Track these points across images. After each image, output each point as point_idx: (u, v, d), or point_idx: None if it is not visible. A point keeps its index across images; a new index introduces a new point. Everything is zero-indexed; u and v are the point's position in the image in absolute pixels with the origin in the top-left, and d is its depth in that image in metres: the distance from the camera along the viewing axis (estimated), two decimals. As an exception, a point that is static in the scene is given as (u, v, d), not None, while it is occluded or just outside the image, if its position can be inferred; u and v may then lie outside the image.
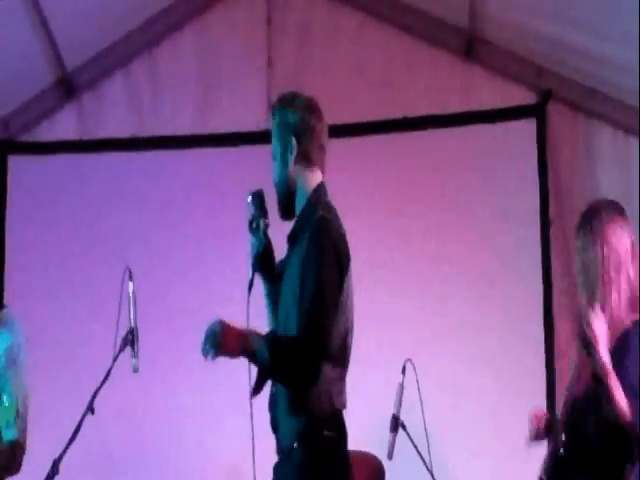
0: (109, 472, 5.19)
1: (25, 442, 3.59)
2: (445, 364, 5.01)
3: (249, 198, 3.38)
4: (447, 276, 5.19)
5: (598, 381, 3.00)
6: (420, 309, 5.16)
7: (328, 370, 3.11)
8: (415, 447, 4.13)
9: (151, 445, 5.23)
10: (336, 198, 5.37)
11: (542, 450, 4.95)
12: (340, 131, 5.47)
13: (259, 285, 3.51)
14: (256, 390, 3.19)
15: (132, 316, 3.77)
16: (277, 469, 3.25)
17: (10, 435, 3.50)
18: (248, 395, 5.14)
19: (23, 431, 3.57)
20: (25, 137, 5.71)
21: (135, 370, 3.71)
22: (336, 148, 5.44)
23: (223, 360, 5.24)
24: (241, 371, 5.21)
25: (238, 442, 5.18)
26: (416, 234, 5.26)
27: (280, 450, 3.24)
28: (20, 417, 3.54)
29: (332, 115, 5.45)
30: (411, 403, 4.13)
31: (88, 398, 3.62)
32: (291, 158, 3.33)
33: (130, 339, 3.73)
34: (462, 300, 5.13)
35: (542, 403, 4.97)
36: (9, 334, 3.65)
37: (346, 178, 5.40)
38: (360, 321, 5.20)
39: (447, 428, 4.77)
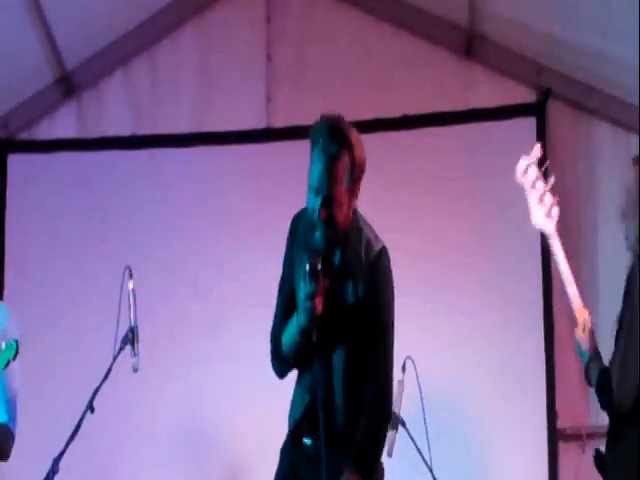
0: (109, 471, 5.19)
1: (14, 430, 3.60)
2: (445, 361, 5.00)
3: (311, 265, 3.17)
4: (447, 274, 5.19)
5: None
6: (420, 307, 5.15)
7: None
8: (415, 445, 4.12)
9: (151, 444, 5.23)
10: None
11: (542, 449, 4.99)
12: (340, 129, 5.47)
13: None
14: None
15: (132, 315, 3.76)
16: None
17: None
18: (250, 394, 5.17)
19: (12, 418, 3.58)
20: (25, 136, 5.71)
21: (135, 369, 3.70)
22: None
23: (223, 360, 5.28)
24: (242, 370, 5.25)
25: (239, 439, 5.23)
26: (415, 233, 5.25)
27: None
28: (10, 403, 3.54)
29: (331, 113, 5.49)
30: (411, 400, 4.13)
31: (88, 397, 3.62)
32: (357, 197, 3.36)
33: (130, 338, 3.73)
34: (462, 298, 5.13)
35: (542, 401, 4.98)
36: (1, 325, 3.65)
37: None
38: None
39: (447, 425, 4.77)
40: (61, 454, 3.54)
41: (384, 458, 4.21)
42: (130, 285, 3.81)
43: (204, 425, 5.25)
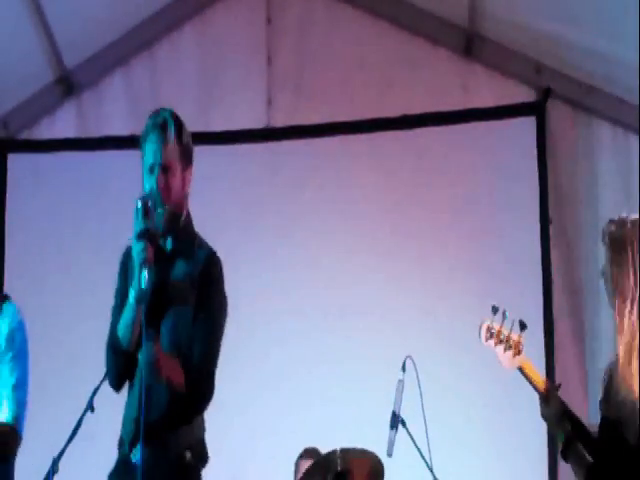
0: (108, 470, 5.18)
1: (21, 430, 3.60)
2: (445, 361, 5.00)
3: (142, 204, 3.31)
4: (447, 273, 5.19)
5: None
6: (420, 306, 5.16)
7: None
8: (415, 444, 4.12)
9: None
10: (336, 195, 5.41)
11: (542, 449, 4.98)
12: (339, 129, 5.48)
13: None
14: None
15: None
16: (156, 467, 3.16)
17: (4, 418, 3.51)
18: (246, 395, 5.18)
19: (20, 419, 3.58)
20: (25, 135, 5.71)
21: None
22: (335, 146, 5.49)
23: (223, 360, 5.27)
24: (241, 371, 5.24)
25: (238, 441, 5.22)
26: (415, 232, 5.26)
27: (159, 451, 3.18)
28: (18, 404, 3.55)
29: (331, 113, 5.50)
30: (411, 400, 4.13)
31: (88, 396, 3.62)
32: (189, 185, 3.44)
33: (130, 337, 3.71)
34: (462, 298, 5.12)
35: (542, 401, 4.97)
36: (10, 322, 3.66)
37: (346, 176, 5.41)
38: (360, 318, 5.24)
39: (447, 425, 4.77)
40: (61, 454, 3.53)
41: (384, 457, 4.24)
42: (130, 285, 3.79)
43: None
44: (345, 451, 4.25)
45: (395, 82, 5.45)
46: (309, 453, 4.76)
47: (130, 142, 5.65)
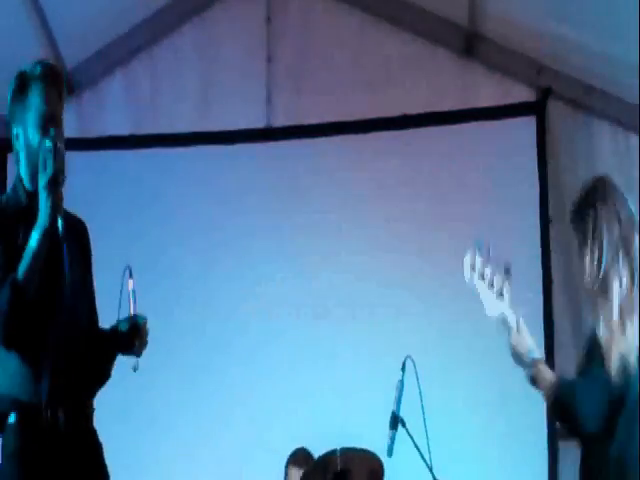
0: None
1: None
2: (445, 361, 5.00)
3: (53, 143, 3.05)
4: (447, 273, 5.17)
5: None
6: (420, 306, 5.16)
7: None
8: (415, 444, 4.11)
9: (150, 444, 5.23)
10: (336, 196, 5.41)
11: (542, 448, 4.98)
12: (339, 128, 5.49)
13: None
14: None
15: (132, 314, 3.75)
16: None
17: None
18: (249, 395, 5.18)
19: None
20: (25, 135, 5.70)
21: (135, 369, 3.69)
22: (335, 145, 5.49)
23: (223, 361, 5.28)
24: (241, 371, 5.25)
25: (237, 441, 5.22)
26: (415, 232, 5.26)
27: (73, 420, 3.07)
28: None
29: (331, 113, 5.50)
30: (411, 400, 4.13)
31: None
32: None
33: (130, 338, 3.71)
34: (462, 298, 5.10)
35: (542, 400, 4.96)
36: None
37: (346, 175, 5.41)
38: (360, 318, 5.24)
39: (447, 425, 4.77)
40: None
41: (384, 457, 4.24)
42: (130, 285, 3.79)
43: (204, 424, 5.25)
44: (345, 451, 4.25)
45: (395, 82, 5.45)
46: (299, 460, 4.73)
47: (130, 141, 5.67)
